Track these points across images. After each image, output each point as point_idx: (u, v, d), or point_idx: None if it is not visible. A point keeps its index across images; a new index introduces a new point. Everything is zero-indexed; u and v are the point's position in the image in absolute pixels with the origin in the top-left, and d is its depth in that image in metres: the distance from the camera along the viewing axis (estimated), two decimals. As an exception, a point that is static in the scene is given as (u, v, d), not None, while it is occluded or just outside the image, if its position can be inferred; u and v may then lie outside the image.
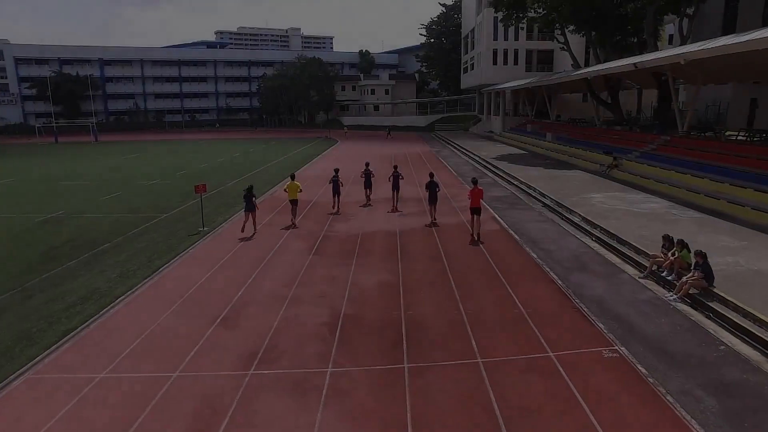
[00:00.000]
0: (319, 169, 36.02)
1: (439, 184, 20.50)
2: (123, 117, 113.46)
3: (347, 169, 31.18)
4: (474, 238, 16.97)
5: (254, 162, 41.72)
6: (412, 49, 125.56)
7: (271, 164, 40.34)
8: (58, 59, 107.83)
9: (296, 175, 21.29)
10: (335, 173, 21.92)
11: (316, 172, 33.66)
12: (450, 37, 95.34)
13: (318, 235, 18.12)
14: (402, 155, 45.46)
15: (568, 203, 21.34)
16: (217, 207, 23.49)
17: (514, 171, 31.37)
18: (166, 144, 67.04)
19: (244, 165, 39.88)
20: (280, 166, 38.44)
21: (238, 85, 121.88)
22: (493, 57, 66.33)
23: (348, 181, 28.74)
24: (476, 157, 41.32)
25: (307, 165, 39.58)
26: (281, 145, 60.60)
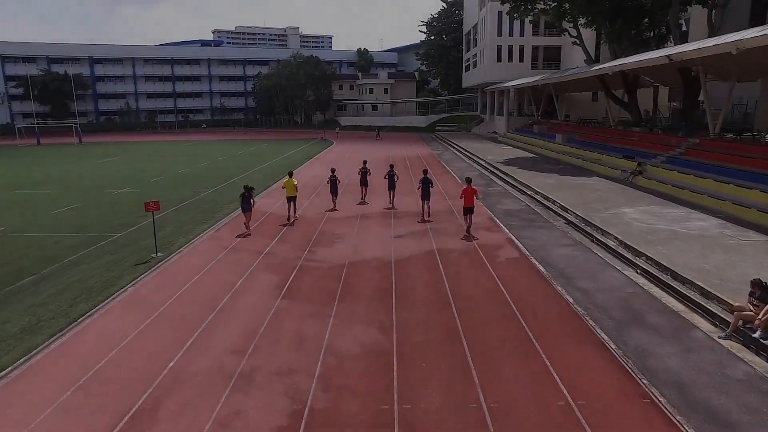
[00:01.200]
0: (307, 176, 32.49)
1: (434, 180, 20.68)
2: (114, 117, 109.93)
3: (342, 178, 27.64)
4: (467, 234, 17.20)
5: (239, 167, 38.20)
6: (411, 47, 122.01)
7: (256, 170, 36.87)
8: (46, 57, 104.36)
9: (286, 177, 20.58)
10: (332, 173, 22.36)
11: (304, 179, 30.09)
12: (451, 34, 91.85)
13: (294, 264, 14.59)
14: (400, 158, 41.97)
15: (597, 220, 17.81)
16: (183, 224, 19.95)
17: (526, 178, 27.85)
18: (153, 145, 63.53)
19: (227, 170, 36.35)
20: (264, 173, 34.96)
21: (232, 85, 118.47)
22: (497, 53, 62.82)
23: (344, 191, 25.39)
24: (482, 161, 37.81)
25: (296, 170, 36.02)
26: (273, 148, 57.08)
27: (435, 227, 18.67)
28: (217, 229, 18.97)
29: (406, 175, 28.45)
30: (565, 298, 11.73)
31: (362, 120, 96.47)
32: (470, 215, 16.94)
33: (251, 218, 18.34)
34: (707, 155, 26.05)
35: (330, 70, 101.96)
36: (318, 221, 20.11)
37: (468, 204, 16.68)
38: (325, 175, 25.41)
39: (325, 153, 49.49)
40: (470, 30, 74.65)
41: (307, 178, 31.26)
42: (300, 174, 32.50)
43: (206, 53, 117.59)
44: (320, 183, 29.40)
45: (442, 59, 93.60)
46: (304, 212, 21.83)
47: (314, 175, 32.98)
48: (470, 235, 16.99)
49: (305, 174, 33.58)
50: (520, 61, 62.87)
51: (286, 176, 20.64)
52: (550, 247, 15.72)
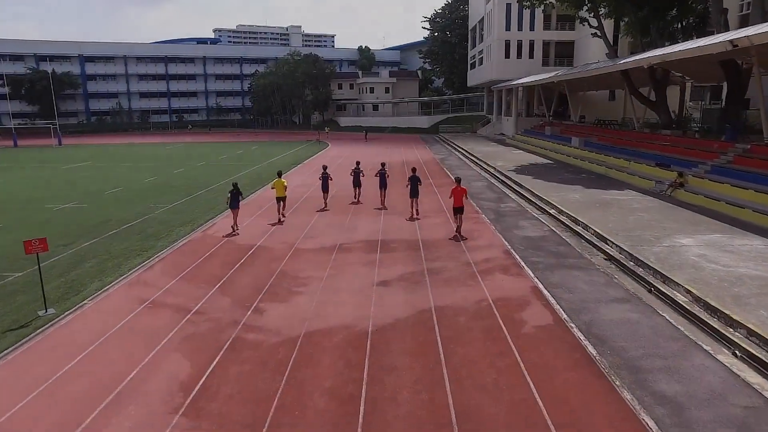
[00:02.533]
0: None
1: (421, 178, 20.61)
2: (105, 118, 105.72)
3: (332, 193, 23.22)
4: (457, 235, 16.94)
5: (214, 176, 33.73)
6: (415, 45, 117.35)
7: (230, 179, 32.32)
8: (34, 55, 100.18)
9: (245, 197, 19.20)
10: (324, 169, 22.40)
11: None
12: (456, 30, 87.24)
13: (224, 338, 9.98)
14: (398, 163, 37.32)
15: (651, 258, 13.20)
16: (109, 258, 15.43)
17: (545, 191, 23.20)
18: (135, 148, 59.13)
19: (198, 180, 31.88)
20: (244, 181, 30.44)
21: (229, 84, 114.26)
22: (505, 49, 58.13)
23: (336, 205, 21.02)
24: (490, 168, 33.18)
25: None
26: (262, 150, 52.63)
27: (434, 265, 14.08)
28: (148, 268, 14.44)
29: (402, 191, 23.70)
30: (642, 420, 7.10)
31: (362, 120, 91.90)
32: (460, 215, 16.82)
33: (238, 215, 18.63)
34: (762, 164, 21.50)
35: (329, 68, 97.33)
36: (283, 253, 15.54)
37: (457, 204, 16.60)
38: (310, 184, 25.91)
39: (317, 157, 44.90)
40: (476, 25, 69.98)
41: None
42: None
43: (202, 51, 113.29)
44: (300, 196, 24.85)
45: (446, 57, 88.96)
46: (269, 240, 17.24)
47: (297, 185, 28.37)
48: (460, 236, 16.79)
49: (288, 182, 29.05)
50: (530, 57, 58.16)
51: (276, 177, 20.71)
52: (594, 305, 11.09)
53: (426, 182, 28.63)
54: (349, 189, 24.50)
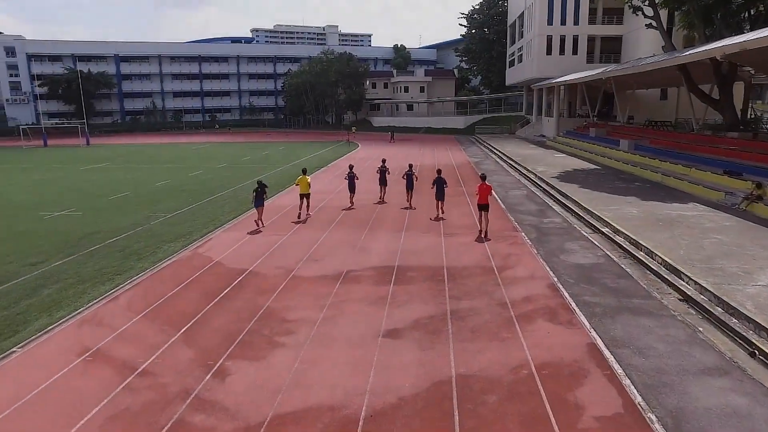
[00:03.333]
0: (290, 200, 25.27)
1: (448, 182, 19.83)
2: (139, 117, 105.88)
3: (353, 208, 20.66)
4: (481, 236, 16.44)
5: (232, 178, 31.61)
6: (451, 43, 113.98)
7: (248, 183, 29.96)
8: (71, 56, 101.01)
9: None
10: (350, 169, 22.20)
11: (288, 200, 23.13)
12: (494, 27, 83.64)
13: (162, 421, 7.26)
14: (429, 167, 34.21)
15: (748, 305, 9.96)
16: (76, 283, 13.10)
17: (595, 204, 19.91)
18: (161, 149, 57.75)
19: (211, 184, 29.71)
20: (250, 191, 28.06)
21: (262, 83, 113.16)
22: (547, 45, 54.43)
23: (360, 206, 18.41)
24: (530, 174, 29.90)
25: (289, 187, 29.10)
26: (289, 151, 50.42)
27: (460, 305, 11.13)
28: (112, 299, 11.97)
29: (427, 199, 20.81)
30: None
31: (396, 120, 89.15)
32: (485, 212, 16.52)
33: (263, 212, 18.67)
34: None
35: (362, 67, 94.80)
36: (276, 283, 12.85)
37: (482, 200, 16.38)
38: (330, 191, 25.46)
39: (344, 159, 42.28)
40: (515, 20, 66.33)
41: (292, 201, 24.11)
42: (290, 194, 25.39)
43: (235, 50, 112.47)
44: (315, 205, 22.18)
45: (484, 54, 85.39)
46: (265, 264, 14.59)
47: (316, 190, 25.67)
48: (485, 237, 16.39)
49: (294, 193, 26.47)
50: (574, 53, 54.30)
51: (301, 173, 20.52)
52: (678, 379, 7.96)
53: (457, 189, 25.65)
54: (375, 191, 24.11)
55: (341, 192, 24.89)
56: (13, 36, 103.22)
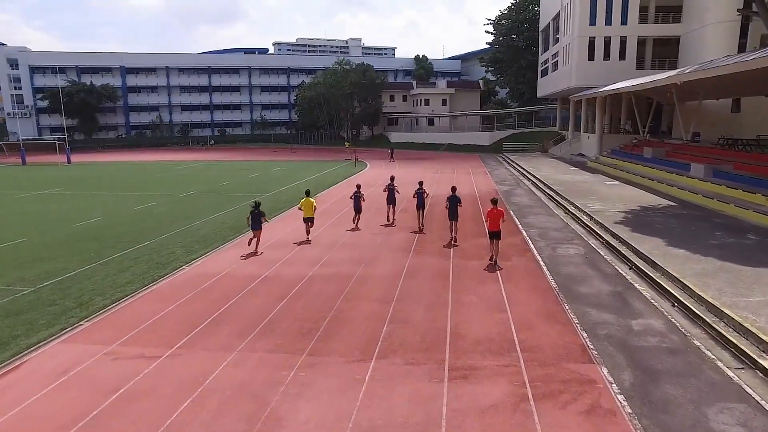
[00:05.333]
0: (284, 229, 17.80)
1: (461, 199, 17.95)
2: (145, 131, 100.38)
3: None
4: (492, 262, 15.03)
5: (188, 212, 24.47)
6: (476, 53, 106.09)
7: (198, 223, 22.62)
8: (75, 67, 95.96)
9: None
10: (357, 188, 20.85)
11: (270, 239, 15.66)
12: (524, 33, 75.59)
13: None
14: (441, 197, 26.40)
15: None
16: None
17: (718, 290, 11.61)
18: (140, 169, 50.90)
19: (155, 221, 22.61)
20: (211, 228, 20.60)
21: (275, 96, 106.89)
22: (589, 49, 46.25)
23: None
24: (582, 215, 21.67)
25: (282, 213, 21.59)
26: (286, 172, 43.14)
27: None
28: None
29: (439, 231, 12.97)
30: None
31: (416, 136, 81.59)
32: (497, 240, 15.12)
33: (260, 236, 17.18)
34: None
35: (379, 78, 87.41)
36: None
37: (493, 227, 15.05)
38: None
39: (344, 184, 34.66)
40: (549, 23, 58.27)
41: (269, 248, 16.62)
42: (273, 229, 17.77)
43: (247, 61, 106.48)
44: (280, 257, 14.44)
45: (512, 64, 77.34)
46: (186, 349, 6.80)
47: (289, 231, 18.20)
48: (496, 265, 14.85)
49: (273, 232, 18.81)
50: (621, 58, 45.97)
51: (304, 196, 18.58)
52: None
53: (480, 241, 17.58)
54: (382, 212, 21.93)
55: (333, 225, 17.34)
56: (17, 48, 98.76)
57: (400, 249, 16.93)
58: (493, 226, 15.03)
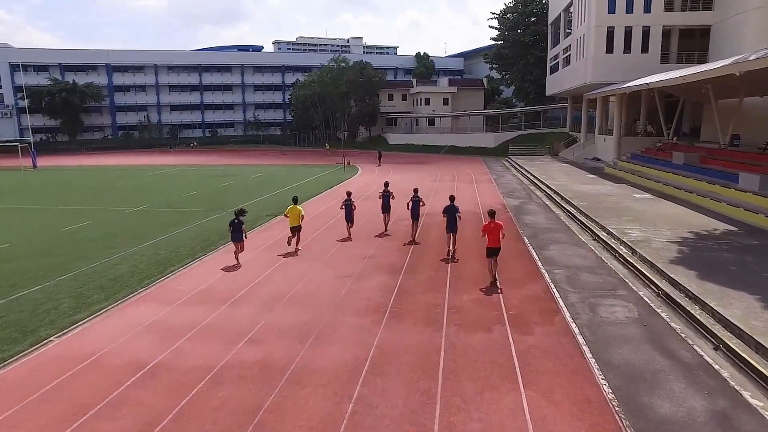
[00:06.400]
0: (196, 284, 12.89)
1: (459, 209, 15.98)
2: (132, 132, 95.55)
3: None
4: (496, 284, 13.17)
5: (123, 237, 19.45)
6: (480, 50, 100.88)
7: (141, 247, 17.77)
8: (59, 65, 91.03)
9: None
10: (348, 196, 19.24)
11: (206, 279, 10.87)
12: (530, 27, 70.42)
13: None
14: (438, 215, 21.35)
15: None
16: None
17: None
18: (108, 173, 46.01)
19: (83, 247, 17.82)
20: (132, 262, 15.69)
21: (269, 95, 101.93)
22: (608, 40, 41.05)
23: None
24: (619, 245, 16.55)
25: (205, 257, 16.79)
26: (264, 181, 38.12)
27: None
28: None
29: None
30: None
31: (415, 137, 76.60)
32: (496, 257, 13.34)
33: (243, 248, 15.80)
34: None
35: (377, 76, 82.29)
36: None
37: (493, 244, 13.26)
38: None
39: (325, 196, 29.70)
40: (560, 14, 53.12)
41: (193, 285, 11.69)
42: (208, 270, 12.82)
43: (239, 59, 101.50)
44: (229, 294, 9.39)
45: (518, 60, 72.17)
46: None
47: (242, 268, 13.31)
48: (496, 285, 13.05)
49: (188, 280, 13.85)
50: (643, 51, 40.77)
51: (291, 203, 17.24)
52: None
53: (491, 302, 12.49)
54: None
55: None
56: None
57: (371, 305, 11.94)
58: (492, 242, 13.27)
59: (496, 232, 13.29)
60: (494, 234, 13.28)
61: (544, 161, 47.72)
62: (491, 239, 13.30)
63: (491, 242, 13.31)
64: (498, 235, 13.28)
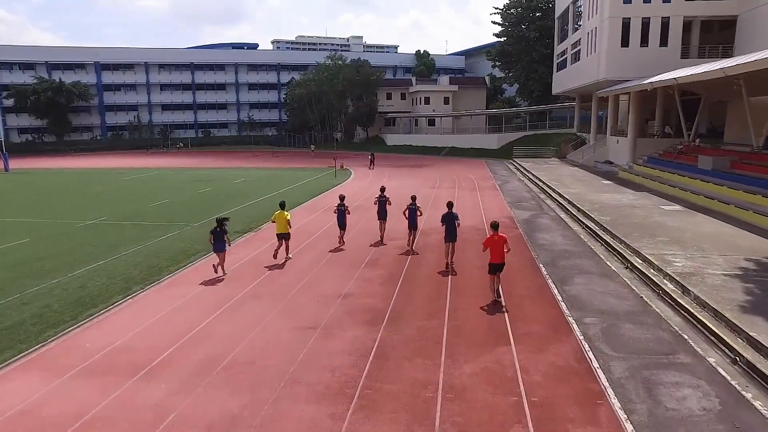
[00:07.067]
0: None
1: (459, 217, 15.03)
2: (122, 133, 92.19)
3: None
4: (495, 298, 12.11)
5: (58, 261, 16.17)
6: (482, 48, 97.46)
7: (73, 276, 14.41)
8: (45, 63, 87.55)
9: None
10: (341, 200, 18.12)
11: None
12: (535, 23, 66.91)
13: None
14: (435, 230, 18.11)
15: None
16: None
17: None
18: (82, 177, 42.63)
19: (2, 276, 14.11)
20: (47, 300, 12.33)
21: (264, 94, 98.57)
22: (623, 33, 37.54)
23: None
24: (664, 279, 13.09)
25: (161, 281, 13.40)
26: (250, 187, 34.70)
27: None
28: None
29: None
30: None
31: (414, 138, 73.14)
32: (499, 274, 12.18)
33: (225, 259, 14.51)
34: None
35: (375, 74, 78.83)
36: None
37: (496, 259, 12.06)
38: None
39: (311, 204, 26.31)
40: (568, 7, 49.63)
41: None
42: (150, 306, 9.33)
43: (233, 57, 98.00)
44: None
45: (523, 57, 68.60)
46: None
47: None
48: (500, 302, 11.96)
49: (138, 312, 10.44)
50: (662, 44, 37.23)
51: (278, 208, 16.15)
52: None
53: (504, 377, 8.97)
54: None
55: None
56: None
57: (336, 381, 8.52)
58: (495, 257, 12.18)
59: (500, 247, 12.07)
60: (497, 248, 12.08)
61: (552, 165, 44.25)
62: (494, 254, 12.08)
63: (494, 257, 12.09)
64: (501, 250, 12.08)
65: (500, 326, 10.52)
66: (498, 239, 12.15)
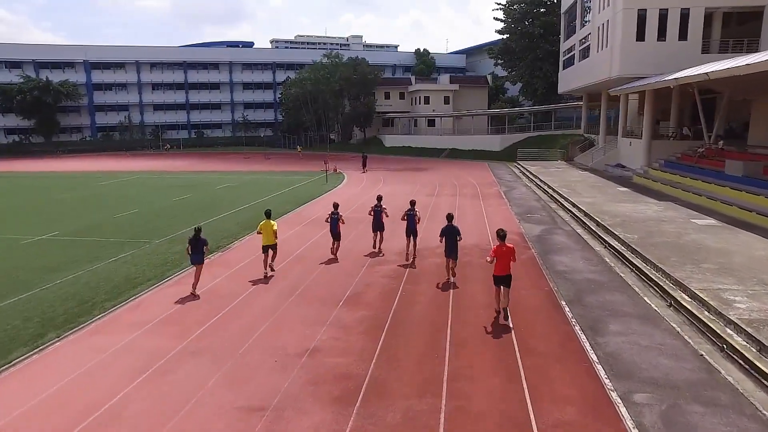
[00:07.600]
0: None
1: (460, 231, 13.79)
2: (113, 134, 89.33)
3: None
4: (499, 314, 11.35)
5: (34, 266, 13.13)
6: (484, 46, 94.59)
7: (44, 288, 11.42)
8: (33, 62, 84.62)
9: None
10: (335, 208, 17.00)
11: None
12: (540, 18, 63.92)
13: None
14: (435, 253, 15.20)
15: None
16: None
17: None
18: (57, 181, 39.73)
19: None
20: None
21: (259, 94, 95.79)
22: (639, 26, 34.56)
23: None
24: (733, 330, 10.15)
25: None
26: (233, 194, 31.81)
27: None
28: None
29: None
30: None
31: (414, 139, 70.20)
32: (506, 288, 11.34)
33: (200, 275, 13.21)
34: None
35: (373, 72, 75.92)
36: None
37: (501, 271, 11.27)
38: None
39: (299, 214, 23.40)
40: (575, 1, 46.68)
41: None
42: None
43: (227, 55, 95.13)
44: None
45: (526, 54, 65.60)
46: None
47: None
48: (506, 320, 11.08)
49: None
50: (681, 38, 34.22)
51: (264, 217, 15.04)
52: None
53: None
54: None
55: None
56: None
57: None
58: (501, 269, 11.16)
59: (507, 258, 11.35)
60: (505, 260, 11.35)
61: (560, 168, 41.30)
62: (500, 266, 11.32)
63: (500, 269, 11.34)
64: (509, 262, 11.38)
65: (519, 412, 7.57)
66: (506, 250, 11.32)
